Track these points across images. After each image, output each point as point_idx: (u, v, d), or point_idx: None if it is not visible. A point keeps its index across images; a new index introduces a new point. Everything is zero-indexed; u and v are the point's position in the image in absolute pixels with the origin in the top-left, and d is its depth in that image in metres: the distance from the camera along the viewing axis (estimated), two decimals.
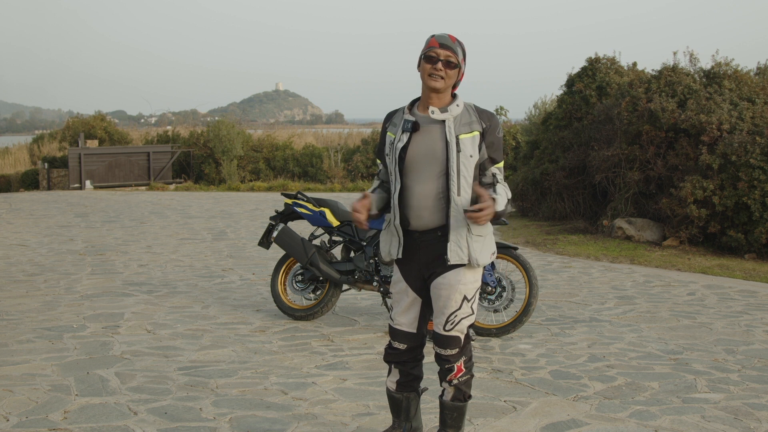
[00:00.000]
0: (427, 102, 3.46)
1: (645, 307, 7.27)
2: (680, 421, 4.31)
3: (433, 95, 3.44)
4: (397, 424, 3.80)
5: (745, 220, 10.23)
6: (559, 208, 13.58)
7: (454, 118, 3.44)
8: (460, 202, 3.42)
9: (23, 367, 5.22)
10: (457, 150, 3.39)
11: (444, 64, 3.39)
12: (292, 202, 6.79)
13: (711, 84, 12.05)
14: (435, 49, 3.40)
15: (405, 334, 3.63)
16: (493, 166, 3.51)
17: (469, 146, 3.42)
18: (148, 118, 73.93)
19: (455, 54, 3.41)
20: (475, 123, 3.45)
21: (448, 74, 3.40)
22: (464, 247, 3.44)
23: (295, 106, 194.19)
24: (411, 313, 3.62)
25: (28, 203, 17.49)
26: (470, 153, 3.42)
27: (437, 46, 3.40)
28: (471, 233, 3.44)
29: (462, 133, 3.42)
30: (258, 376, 5.11)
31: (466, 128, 3.44)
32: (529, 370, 5.28)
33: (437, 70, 3.38)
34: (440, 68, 3.38)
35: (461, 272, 3.47)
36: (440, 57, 3.39)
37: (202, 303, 7.29)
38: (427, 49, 3.41)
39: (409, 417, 3.78)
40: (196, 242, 11.42)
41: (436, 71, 3.38)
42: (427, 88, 3.44)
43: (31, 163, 28.58)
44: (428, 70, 3.40)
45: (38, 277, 8.58)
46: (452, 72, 3.41)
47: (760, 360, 5.54)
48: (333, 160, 24.78)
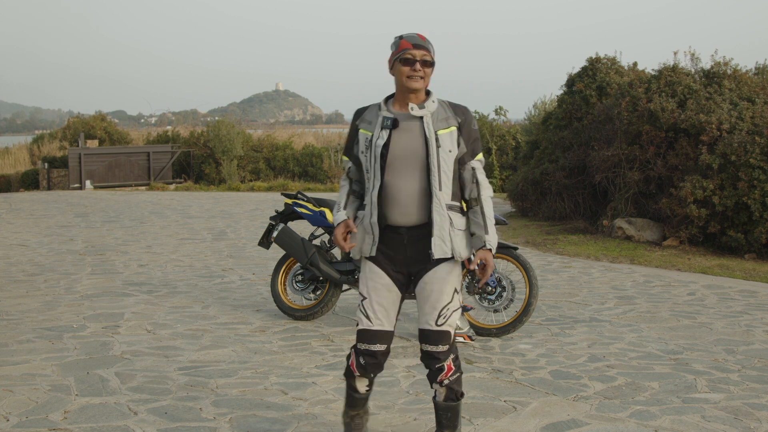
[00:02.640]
0: (405, 100, 3.51)
1: (645, 307, 7.27)
2: (680, 421, 4.31)
3: (410, 94, 3.50)
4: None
5: (745, 220, 10.23)
6: (559, 208, 13.58)
7: (431, 114, 3.49)
8: (442, 198, 3.48)
9: (23, 367, 5.22)
10: (437, 146, 3.45)
11: (422, 64, 3.45)
12: (292, 202, 6.79)
13: (711, 84, 12.05)
14: (410, 50, 3.45)
15: (385, 333, 3.59)
16: (474, 160, 3.59)
17: (448, 142, 3.48)
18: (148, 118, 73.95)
19: (429, 52, 3.48)
20: (451, 118, 3.52)
21: (426, 73, 3.47)
22: (447, 241, 3.49)
23: (295, 106, 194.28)
24: (392, 310, 3.60)
25: (28, 203, 17.50)
26: (449, 148, 3.48)
27: (411, 48, 3.45)
28: (453, 227, 3.51)
29: (440, 129, 3.48)
30: (258, 376, 5.11)
31: (443, 124, 3.49)
32: (529, 370, 5.28)
33: (416, 71, 3.44)
34: (419, 68, 3.44)
35: (450, 265, 3.52)
36: (417, 58, 3.45)
37: (202, 303, 7.29)
38: (400, 52, 3.46)
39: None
40: (196, 242, 11.42)
41: (415, 72, 3.44)
42: (405, 89, 3.48)
43: (31, 163, 28.59)
44: (407, 72, 3.44)
45: (38, 277, 8.58)
46: (429, 70, 3.48)
47: (760, 360, 5.54)
48: (333, 160, 24.79)
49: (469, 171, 3.57)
